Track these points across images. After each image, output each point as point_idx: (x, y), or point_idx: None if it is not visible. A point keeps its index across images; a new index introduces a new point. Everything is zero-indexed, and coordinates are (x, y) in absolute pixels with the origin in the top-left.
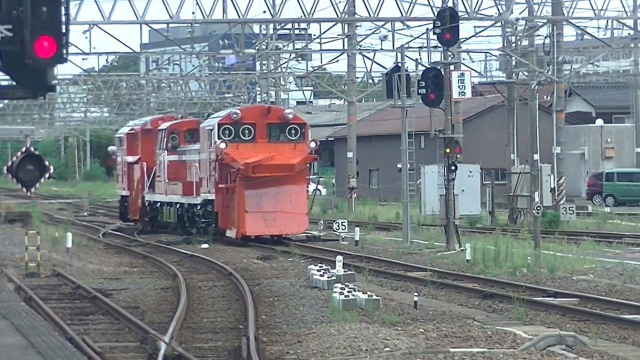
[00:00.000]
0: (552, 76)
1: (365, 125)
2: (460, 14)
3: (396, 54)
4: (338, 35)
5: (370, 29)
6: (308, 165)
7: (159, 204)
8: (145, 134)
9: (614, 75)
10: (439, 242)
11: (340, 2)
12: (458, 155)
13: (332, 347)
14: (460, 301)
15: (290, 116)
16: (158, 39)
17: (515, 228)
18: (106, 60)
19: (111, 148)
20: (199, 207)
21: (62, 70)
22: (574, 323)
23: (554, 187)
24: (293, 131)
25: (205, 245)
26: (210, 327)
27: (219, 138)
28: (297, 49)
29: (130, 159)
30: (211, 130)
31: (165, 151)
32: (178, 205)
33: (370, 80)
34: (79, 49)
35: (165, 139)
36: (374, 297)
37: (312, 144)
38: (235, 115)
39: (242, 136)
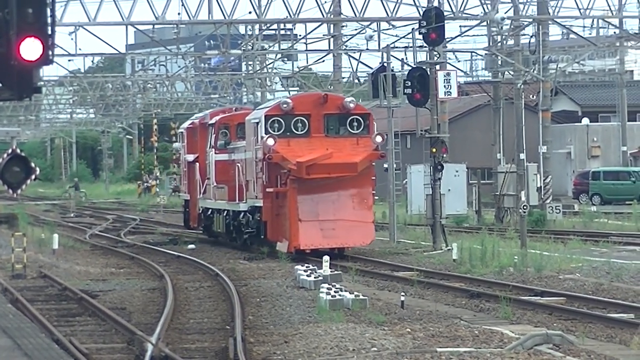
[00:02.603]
0: (538, 75)
1: None
2: (445, 13)
3: (382, 54)
4: (324, 35)
5: (356, 29)
6: (373, 163)
7: (210, 210)
8: (203, 129)
9: (600, 74)
10: (425, 241)
11: (325, 2)
12: (444, 155)
13: (319, 347)
14: (447, 301)
15: (352, 105)
16: (144, 40)
17: (502, 227)
18: (92, 61)
19: (175, 145)
20: (242, 214)
21: (47, 72)
22: (561, 322)
23: (541, 186)
24: (355, 123)
25: (191, 246)
26: (197, 328)
27: (266, 133)
28: (282, 49)
29: (190, 157)
30: (257, 123)
31: (214, 149)
32: (225, 213)
33: (356, 81)
34: (64, 51)
35: (214, 135)
36: (361, 297)
37: (378, 139)
38: (285, 106)
39: (294, 130)
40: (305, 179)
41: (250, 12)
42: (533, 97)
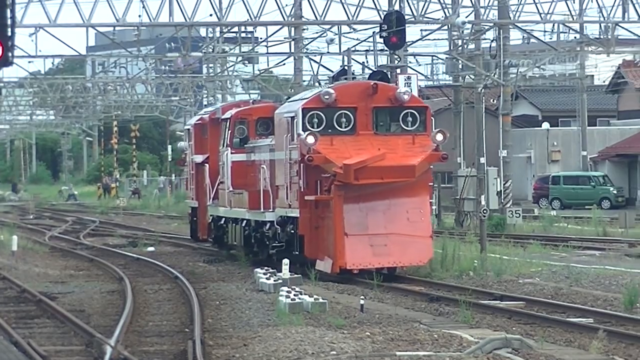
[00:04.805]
0: (498, 79)
1: None
2: (406, 17)
3: (343, 57)
4: (285, 38)
5: (317, 32)
6: (432, 167)
7: (223, 219)
8: (214, 125)
9: (560, 79)
10: None
11: (287, 5)
12: None
13: (278, 350)
14: (406, 304)
15: (406, 97)
16: (104, 41)
17: (462, 231)
18: (52, 63)
19: (181, 144)
20: (268, 225)
21: (7, 73)
22: (520, 326)
23: (501, 191)
24: (410, 118)
25: (151, 249)
26: (156, 330)
27: (304, 129)
28: (243, 52)
29: (199, 158)
30: (292, 118)
31: (229, 148)
32: (244, 223)
33: (317, 84)
34: (24, 52)
35: (230, 132)
36: (321, 300)
37: (439, 136)
38: (327, 97)
39: (337, 126)
40: (353, 184)
41: (211, 15)
42: (493, 101)
